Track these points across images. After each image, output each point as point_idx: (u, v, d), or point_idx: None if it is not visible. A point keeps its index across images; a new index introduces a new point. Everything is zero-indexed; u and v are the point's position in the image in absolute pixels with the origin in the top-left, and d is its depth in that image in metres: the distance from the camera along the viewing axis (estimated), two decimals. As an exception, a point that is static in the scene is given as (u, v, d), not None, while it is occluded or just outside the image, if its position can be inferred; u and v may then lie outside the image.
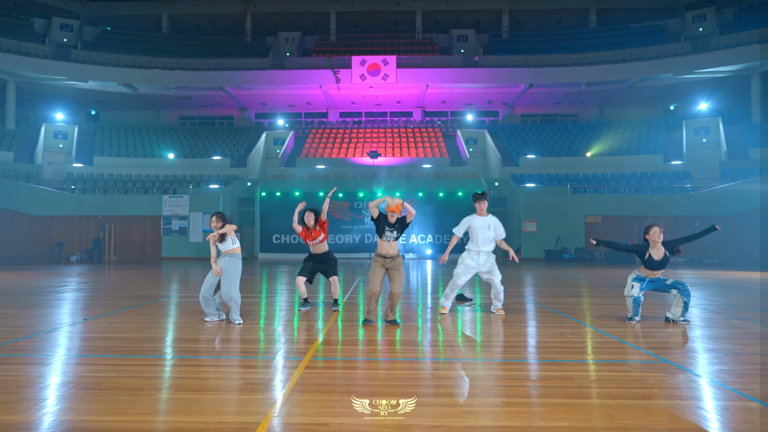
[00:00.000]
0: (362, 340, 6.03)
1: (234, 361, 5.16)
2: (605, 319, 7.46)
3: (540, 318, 7.65)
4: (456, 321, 7.32)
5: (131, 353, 5.32)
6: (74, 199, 25.36)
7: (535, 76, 30.59)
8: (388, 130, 34.11)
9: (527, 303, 9.42)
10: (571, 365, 4.84)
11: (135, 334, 6.26)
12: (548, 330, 6.68)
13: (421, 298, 10.23)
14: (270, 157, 31.57)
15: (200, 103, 34.94)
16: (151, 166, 29.45)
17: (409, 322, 7.21)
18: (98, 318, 7.34)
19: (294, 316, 7.75)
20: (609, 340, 6.01)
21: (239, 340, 6.04)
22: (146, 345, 5.71)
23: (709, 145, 28.16)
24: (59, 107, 31.72)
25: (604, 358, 5.17)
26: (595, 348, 5.62)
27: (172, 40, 35.24)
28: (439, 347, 5.67)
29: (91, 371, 4.62)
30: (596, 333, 6.43)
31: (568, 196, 24.95)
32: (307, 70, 31.43)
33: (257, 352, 5.56)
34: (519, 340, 6.15)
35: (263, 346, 5.84)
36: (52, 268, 18.31)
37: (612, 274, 16.33)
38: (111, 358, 5.13)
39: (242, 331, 6.52)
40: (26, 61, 28.87)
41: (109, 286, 12.60)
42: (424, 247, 25.33)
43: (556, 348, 5.59)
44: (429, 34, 36.69)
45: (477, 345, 5.85)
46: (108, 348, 5.54)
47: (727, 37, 29.57)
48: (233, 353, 5.51)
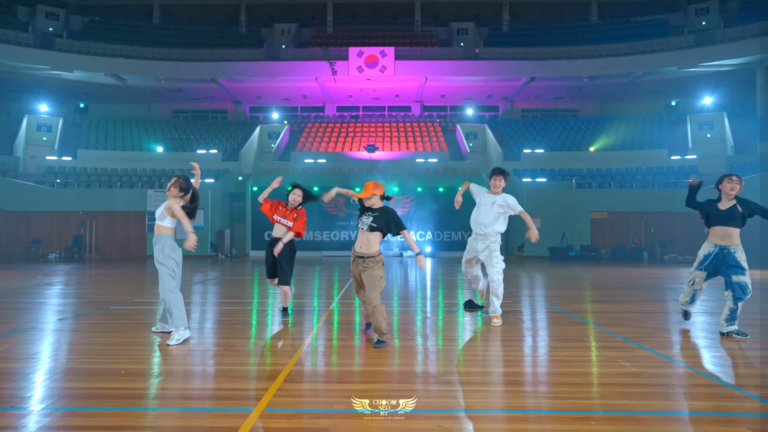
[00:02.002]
0: (330, 374, 4.29)
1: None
2: (656, 337, 5.71)
3: (566, 333, 5.99)
4: (465, 342, 5.55)
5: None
6: (53, 194, 24.10)
7: (536, 69, 29.77)
8: (387, 124, 33.19)
9: (538, 307, 8.50)
10: (651, 422, 3.22)
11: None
12: (590, 353, 4.99)
13: (420, 304, 9.29)
14: (264, 152, 30.58)
15: (193, 96, 33.89)
16: (138, 159, 28.32)
17: (407, 339, 5.61)
18: (5, 336, 5.64)
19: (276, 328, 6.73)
20: (679, 370, 4.36)
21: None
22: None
23: (714, 140, 27.53)
24: (44, 99, 30.64)
25: (700, 407, 3.49)
26: (671, 386, 3.94)
27: (164, 30, 34.16)
28: (440, 386, 3.92)
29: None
30: (658, 359, 4.74)
31: (573, 191, 24.06)
32: (303, 62, 30.42)
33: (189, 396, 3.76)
34: (556, 371, 4.34)
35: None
36: (23, 267, 17.12)
37: (625, 273, 15.37)
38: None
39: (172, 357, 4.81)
40: (5, 49, 27.56)
41: (68, 289, 11.40)
42: (423, 244, 24.34)
43: (617, 386, 3.91)
44: (428, 27, 35.82)
45: (491, 383, 4.06)
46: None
47: (732, 29, 28.85)
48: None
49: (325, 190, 23.78)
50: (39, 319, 6.76)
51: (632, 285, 11.28)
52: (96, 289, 10.67)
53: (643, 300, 8.92)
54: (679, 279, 12.70)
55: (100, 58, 29.19)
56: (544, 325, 6.54)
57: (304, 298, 9.01)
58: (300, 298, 8.80)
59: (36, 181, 25.09)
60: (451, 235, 24.36)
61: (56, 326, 6.31)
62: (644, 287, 10.84)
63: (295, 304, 8.00)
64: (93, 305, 8.09)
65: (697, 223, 5.47)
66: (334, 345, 5.34)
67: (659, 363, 4.59)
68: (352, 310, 7.64)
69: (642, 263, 19.67)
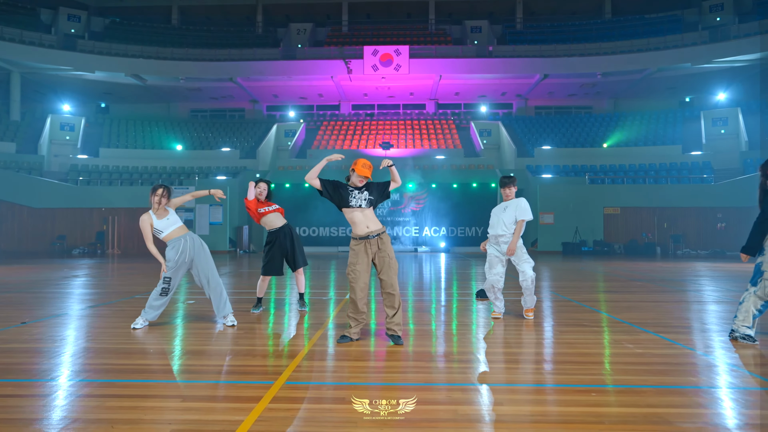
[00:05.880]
0: (348, 353, 4.55)
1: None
2: (663, 323, 5.93)
3: (574, 319, 6.25)
4: (479, 326, 5.86)
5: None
6: (77, 191, 24.80)
7: (549, 66, 29.91)
8: (401, 122, 33.45)
9: (554, 300, 8.77)
10: (648, 393, 3.48)
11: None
12: (596, 336, 5.28)
13: (435, 294, 9.59)
14: (281, 149, 30.99)
15: (211, 95, 34.44)
16: (158, 158, 28.90)
17: (422, 324, 5.95)
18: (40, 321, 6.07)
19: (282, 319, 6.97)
20: (682, 351, 4.62)
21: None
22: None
23: (728, 136, 27.49)
24: (67, 99, 31.35)
25: (691, 381, 3.78)
26: (672, 364, 4.20)
27: (182, 31, 34.73)
28: (453, 363, 4.27)
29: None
30: (661, 342, 4.98)
31: (586, 187, 24.20)
32: (319, 60, 30.84)
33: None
34: (562, 351, 4.65)
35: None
36: (49, 261, 17.69)
37: (637, 267, 15.55)
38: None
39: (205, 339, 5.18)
40: (30, 51, 28.35)
41: (93, 281, 11.82)
42: (437, 239, 24.63)
43: (619, 364, 4.21)
44: (442, 25, 36.03)
45: (502, 361, 4.43)
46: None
47: (746, 25, 28.76)
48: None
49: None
50: (69, 307, 7.22)
51: (643, 277, 11.50)
52: (121, 280, 11.15)
53: (652, 291, 9.15)
54: (691, 272, 12.87)
55: (121, 59, 29.82)
56: (551, 312, 6.82)
57: (324, 288, 9.36)
58: (317, 289, 9.15)
59: (60, 179, 25.77)
60: (465, 230, 24.63)
61: (87, 312, 6.76)
62: (656, 279, 11.06)
63: (312, 294, 8.36)
64: (120, 294, 8.56)
65: (712, 218, 5.42)
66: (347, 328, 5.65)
67: (662, 345, 4.86)
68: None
69: (655, 258, 19.81)
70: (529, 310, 6.31)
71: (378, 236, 4.81)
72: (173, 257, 5.62)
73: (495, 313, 6.35)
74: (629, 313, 6.61)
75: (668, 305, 7.42)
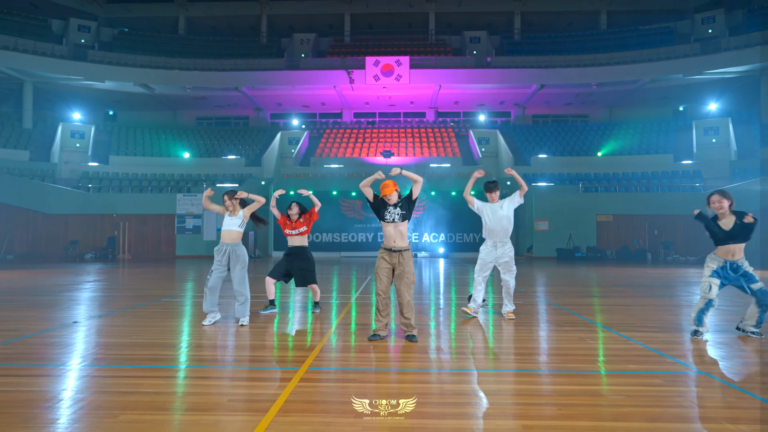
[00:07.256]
0: (358, 347, 5.44)
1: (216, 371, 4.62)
2: (627, 324, 6.81)
3: (554, 320, 7.16)
4: (467, 325, 6.77)
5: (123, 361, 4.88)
6: (89, 198, 25.83)
7: (546, 77, 30.82)
8: (402, 130, 34.39)
9: (539, 304, 9.64)
10: (595, 377, 4.40)
11: (124, 339, 5.79)
12: (564, 334, 6.14)
13: (433, 298, 10.47)
14: (285, 157, 31.89)
15: (216, 103, 35.41)
16: (166, 165, 29.87)
17: (422, 323, 6.80)
18: (94, 319, 7.11)
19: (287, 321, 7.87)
20: (634, 346, 5.47)
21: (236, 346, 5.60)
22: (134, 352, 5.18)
23: (719, 145, 28.30)
24: (77, 107, 32.26)
25: (634, 368, 4.65)
26: (620, 356, 5.10)
27: (189, 41, 35.69)
28: (452, 354, 5.20)
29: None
30: (618, 338, 5.90)
31: (580, 195, 25.11)
32: (322, 71, 31.78)
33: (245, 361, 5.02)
34: (534, 346, 5.58)
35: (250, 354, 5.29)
36: (64, 266, 18.57)
37: (624, 273, 16.43)
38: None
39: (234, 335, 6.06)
40: (43, 61, 29.34)
41: (116, 285, 12.77)
42: (436, 245, 25.57)
43: (576, 356, 5.08)
44: (442, 36, 36.99)
45: (490, 352, 5.32)
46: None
47: (736, 38, 29.67)
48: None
49: (345, 194, 24.53)
50: (94, 311, 8.10)
51: (625, 283, 12.35)
52: (139, 284, 12.05)
53: (628, 295, 10.01)
54: (674, 278, 13.74)
55: (131, 69, 30.79)
56: (544, 315, 7.68)
57: (329, 293, 10.24)
58: (325, 293, 10.04)
59: (72, 186, 26.74)
60: (463, 237, 25.56)
61: (113, 313, 7.65)
62: (636, 285, 11.91)
63: (321, 298, 9.26)
64: (143, 299, 9.45)
65: (701, 226, 6.31)
66: (352, 328, 6.60)
67: (619, 341, 5.77)
68: (369, 303, 8.87)
69: (645, 264, 20.67)
70: (509, 313, 7.25)
71: (400, 252, 5.67)
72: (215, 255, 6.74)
73: (467, 309, 7.27)
74: (602, 315, 7.54)
75: (636, 308, 8.29)
